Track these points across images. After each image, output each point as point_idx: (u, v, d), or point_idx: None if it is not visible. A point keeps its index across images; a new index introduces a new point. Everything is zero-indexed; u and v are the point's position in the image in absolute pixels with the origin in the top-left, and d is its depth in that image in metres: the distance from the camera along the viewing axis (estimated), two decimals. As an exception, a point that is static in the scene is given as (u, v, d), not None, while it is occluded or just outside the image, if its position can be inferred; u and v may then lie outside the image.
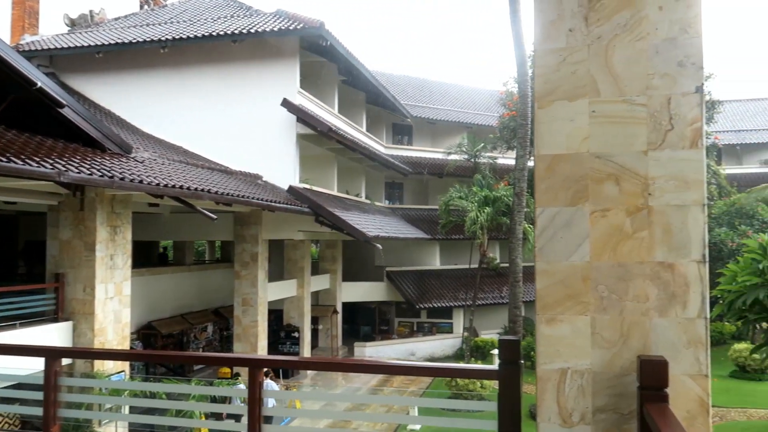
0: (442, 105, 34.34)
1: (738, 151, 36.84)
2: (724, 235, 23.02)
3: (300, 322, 21.72)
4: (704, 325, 2.32)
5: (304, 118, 19.09)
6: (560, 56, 2.44)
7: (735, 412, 15.62)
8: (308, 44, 20.14)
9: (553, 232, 2.45)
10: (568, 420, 2.41)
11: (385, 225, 24.38)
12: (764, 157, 36.37)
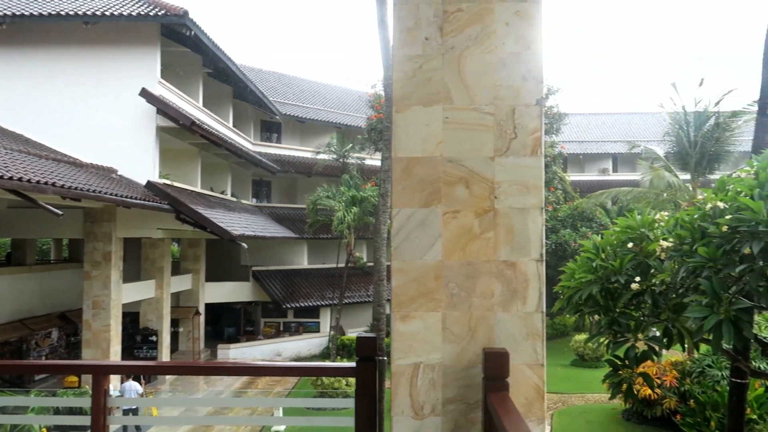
0: (313, 104, 34.28)
1: (581, 160, 40.53)
2: (568, 236, 25.22)
3: (158, 325, 20.60)
4: (541, 319, 2.53)
5: (164, 109, 18.13)
6: (417, 63, 2.54)
7: (575, 397, 17.15)
8: (171, 33, 19.16)
9: (408, 231, 2.54)
10: (419, 412, 2.51)
11: (251, 223, 23.85)
12: (603, 166, 40.36)
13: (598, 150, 40.17)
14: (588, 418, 14.95)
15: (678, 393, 13.38)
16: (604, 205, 24.74)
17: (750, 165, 4.52)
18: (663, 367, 14.00)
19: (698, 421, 12.13)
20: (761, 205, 3.69)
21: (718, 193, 4.39)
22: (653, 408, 13.63)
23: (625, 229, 5.26)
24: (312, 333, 27.23)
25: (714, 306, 3.89)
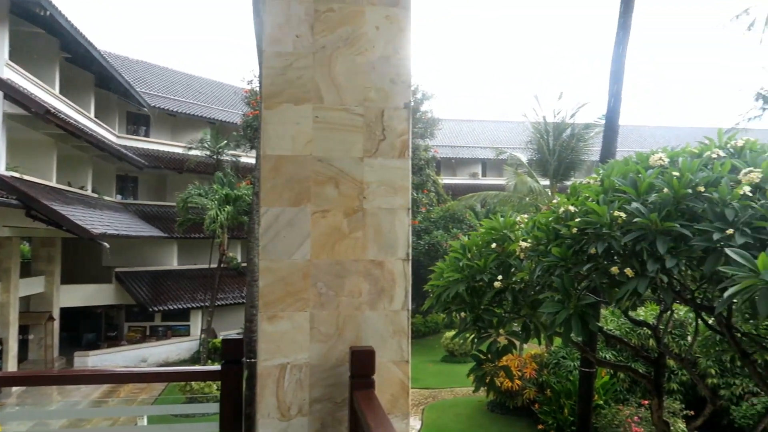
0: (185, 97, 32.77)
1: (453, 164, 42.33)
2: (440, 237, 26.21)
3: (4, 333, 18.67)
4: (407, 317, 2.59)
5: (13, 95, 16.46)
6: (287, 60, 2.52)
7: (445, 391, 17.84)
8: (23, 11, 17.45)
9: (276, 231, 2.50)
10: (286, 413, 2.48)
11: (114, 221, 22.33)
12: (473, 171, 42.42)
13: (469, 155, 42.18)
14: (457, 411, 15.62)
15: (537, 384, 14.38)
16: (474, 207, 26.01)
17: (597, 173, 4.96)
18: (524, 360, 14.97)
19: (554, 408, 13.10)
20: (605, 209, 4.05)
21: (570, 198, 4.78)
22: (515, 399, 14.54)
23: (489, 230, 5.56)
24: (182, 337, 26.03)
25: (564, 302, 4.22)
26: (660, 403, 5.72)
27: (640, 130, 44.32)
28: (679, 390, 12.86)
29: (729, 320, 5.00)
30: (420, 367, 20.15)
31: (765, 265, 3.13)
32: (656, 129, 45.28)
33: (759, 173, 3.86)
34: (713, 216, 3.72)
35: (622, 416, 11.71)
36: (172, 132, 31.72)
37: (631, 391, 13.25)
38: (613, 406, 12.38)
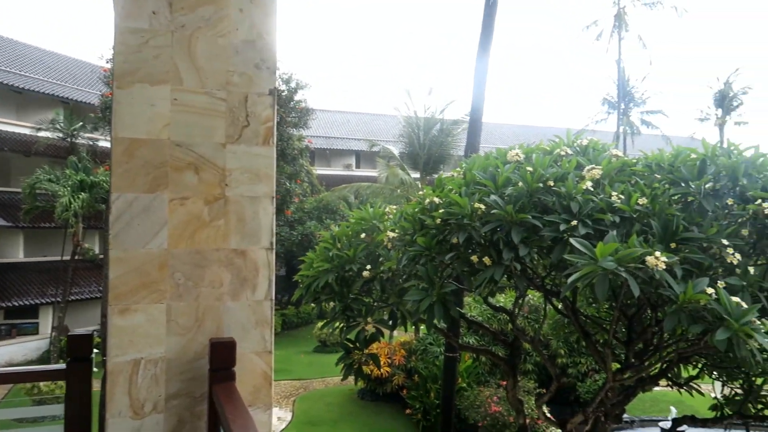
0: (34, 73, 29.77)
1: (328, 155, 42.33)
2: (313, 228, 26.14)
3: None
4: (270, 307, 2.55)
5: None
6: (142, 38, 2.36)
7: (317, 381, 17.87)
8: None
9: (129, 218, 2.35)
10: (140, 411, 2.35)
11: (-53, 209, 19.85)
12: (347, 162, 42.71)
13: (343, 146, 42.39)
14: (328, 401, 15.73)
15: (405, 370, 14.85)
16: (347, 198, 26.22)
17: (460, 166, 5.20)
18: (394, 348, 15.40)
19: (421, 393, 13.61)
20: (466, 201, 4.26)
21: (436, 190, 4.96)
22: (385, 385, 14.91)
23: (359, 220, 5.63)
24: (29, 336, 23.78)
25: (428, 290, 4.39)
26: (515, 382, 6.14)
27: (503, 127, 47.04)
28: (533, 370, 13.89)
29: (574, 304, 5.47)
30: (292, 358, 20.03)
31: (602, 253, 3.46)
32: (518, 127, 48.31)
33: (599, 170, 4.25)
34: (560, 208, 4.04)
35: (483, 397, 12.43)
36: (18, 110, 28.70)
37: (491, 373, 14.09)
38: (475, 388, 13.10)
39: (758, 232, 3.88)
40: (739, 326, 3.29)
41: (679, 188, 4.12)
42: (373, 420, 14.13)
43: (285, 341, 22.51)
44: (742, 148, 4.16)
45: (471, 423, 12.17)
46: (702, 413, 7.35)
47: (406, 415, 13.79)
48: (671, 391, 7.39)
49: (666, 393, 14.08)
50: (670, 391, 7.53)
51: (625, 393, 6.47)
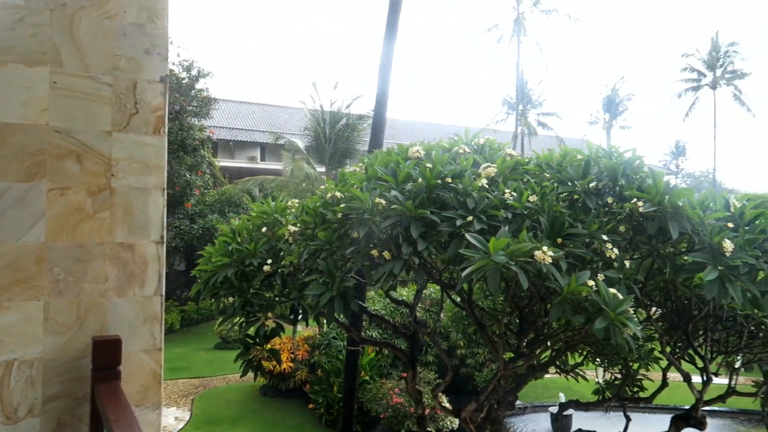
0: None
1: (231, 147, 41.19)
2: (215, 221, 25.36)
3: None
4: (160, 303, 2.46)
5: None
6: (17, 14, 2.19)
7: (217, 379, 17.39)
8: None
9: (2, 209, 2.18)
10: (12, 416, 2.19)
11: None
12: (251, 154, 41.80)
13: (247, 138, 41.41)
14: (229, 398, 15.36)
15: (309, 365, 14.80)
16: (251, 191, 25.67)
17: (362, 161, 5.24)
18: (297, 343, 15.29)
19: (324, 387, 13.61)
20: (367, 196, 4.30)
21: (338, 185, 4.97)
22: (287, 381, 14.78)
23: (260, 214, 5.54)
24: None
25: (329, 284, 4.40)
26: (414, 374, 6.28)
27: (410, 124, 47.83)
28: (434, 362, 14.27)
29: (470, 297, 5.67)
30: (191, 356, 19.37)
31: (495, 248, 3.61)
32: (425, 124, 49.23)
33: (494, 168, 4.43)
34: (457, 204, 4.17)
35: (385, 389, 12.62)
36: None
37: (394, 365, 14.33)
38: (377, 381, 13.28)
39: (634, 229, 4.20)
40: (615, 315, 3.55)
41: (566, 187, 4.38)
42: (275, 416, 13.98)
43: (184, 338, 21.75)
44: (622, 151, 4.48)
45: (373, 415, 12.34)
46: (587, 397, 7.88)
47: (309, 409, 13.75)
48: (560, 378, 7.86)
49: (556, 380, 14.93)
50: (559, 378, 8.00)
51: (517, 381, 6.81)
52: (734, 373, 6.73)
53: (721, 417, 15.24)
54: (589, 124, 43.16)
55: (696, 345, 6.03)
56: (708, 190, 4.39)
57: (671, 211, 3.97)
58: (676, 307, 5.77)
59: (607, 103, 41.97)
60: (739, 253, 3.89)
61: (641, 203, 3.99)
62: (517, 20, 33.90)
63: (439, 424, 12.03)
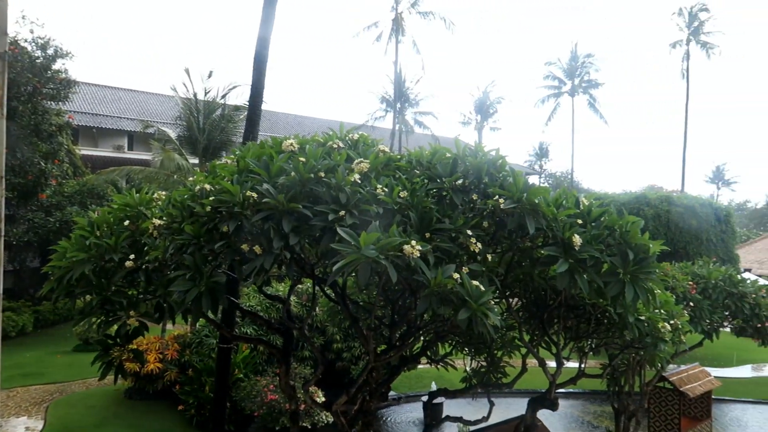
0: None
1: (95, 134, 38.33)
2: (75, 214, 23.48)
3: None
4: (-3, 302, 2.23)
5: None
6: None
7: (76, 384, 16.14)
8: None
9: None
10: None
11: None
12: (118, 143, 39.16)
13: (113, 125, 38.72)
14: (89, 404, 14.31)
15: (179, 364, 14.15)
16: (117, 182, 24.06)
17: (233, 153, 5.09)
18: (166, 342, 14.57)
19: (195, 387, 13.09)
20: (238, 189, 4.19)
21: (208, 177, 4.79)
22: (156, 382, 14.04)
23: (123, 206, 5.21)
24: None
25: (196, 280, 4.23)
26: (287, 369, 6.22)
27: (289, 117, 47.21)
28: (311, 356, 14.23)
29: (344, 291, 5.72)
30: (46, 360, 17.82)
31: (366, 242, 3.67)
32: (305, 118, 48.78)
33: (367, 164, 4.50)
34: (330, 199, 4.19)
35: (260, 386, 12.39)
36: None
37: (269, 362, 14.10)
38: (252, 378, 13.00)
39: (496, 224, 4.44)
40: (477, 306, 3.75)
41: (435, 183, 4.54)
42: (142, 420, 13.24)
43: (38, 341, 19.96)
44: (487, 150, 4.72)
45: (248, 413, 12.08)
46: (457, 386, 8.26)
47: (179, 411, 13.17)
48: (432, 368, 8.16)
49: (429, 370, 15.47)
50: (431, 368, 8.31)
51: (390, 372, 6.98)
52: (584, 357, 7.37)
53: (575, 398, 16.62)
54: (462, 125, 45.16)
55: (551, 332, 6.53)
56: (562, 189, 4.76)
57: (529, 208, 4.26)
58: (534, 297, 6.21)
59: (479, 105, 44.16)
60: (586, 248, 4.26)
61: (503, 200, 4.24)
62: (396, 20, 34.60)
63: (314, 419, 12.03)
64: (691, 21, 43.98)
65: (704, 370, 12.32)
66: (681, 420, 11.20)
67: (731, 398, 16.59)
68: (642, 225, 4.54)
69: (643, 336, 5.83)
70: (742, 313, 10.31)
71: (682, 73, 44.33)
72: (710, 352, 17.79)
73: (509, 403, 13.30)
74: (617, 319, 5.54)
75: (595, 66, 46.15)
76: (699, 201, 22.82)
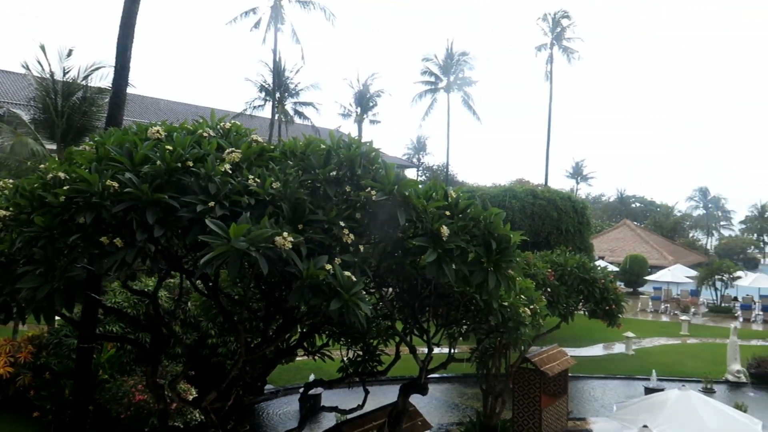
0: None
1: (-69, 114, 34.04)
2: None
3: None
4: None
5: None
6: None
7: None
8: None
9: None
10: None
11: None
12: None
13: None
14: (-77, 417, 12.79)
15: (34, 368, 13.00)
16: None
17: (92, 139, 4.75)
18: (18, 344, 13.33)
19: (53, 392, 12.10)
20: (96, 177, 3.91)
21: (63, 164, 4.43)
22: (5, 389, 12.81)
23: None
24: None
25: (48, 275, 3.91)
26: (154, 368, 5.94)
27: (161, 102, 44.69)
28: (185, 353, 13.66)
29: (215, 284, 5.55)
30: None
31: (236, 233, 3.58)
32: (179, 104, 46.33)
33: (239, 153, 4.39)
34: (199, 189, 4.03)
35: (126, 387, 11.71)
36: None
37: (138, 361, 13.36)
38: (119, 379, 12.25)
39: (369, 216, 4.52)
40: (349, 297, 3.80)
41: (308, 175, 4.53)
42: (-11, 431, 12.05)
43: None
44: (361, 143, 4.78)
45: (114, 416, 11.38)
46: (336, 376, 8.32)
47: (34, 419, 12.13)
48: (311, 360, 8.15)
49: (307, 362, 15.44)
50: (310, 360, 8.29)
51: (266, 366, 6.89)
52: (454, 343, 7.72)
53: (449, 382, 17.37)
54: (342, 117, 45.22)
55: (423, 320, 6.78)
56: (432, 181, 4.94)
57: (400, 200, 4.37)
58: (407, 287, 6.40)
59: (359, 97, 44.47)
60: (453, 238, 4.45)
61: (375, 192, 4.32)
62: (275, 7, 33.84)
63: (187, 418, 11.59)
64: (555, 26, 47.14)
65: (562, 351, 13.37)
66: (542, 397, 12.09)
67: (585, 375, 18.17)
68: (504, 216, 4.82)
69: (506, 321, 6.23)
70: (594, 297, 11.31)
71: (546, 75, 47.42)
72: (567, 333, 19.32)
73: (384, 390, 13.62)
74: (483, 305, 5.86)
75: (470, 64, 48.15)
76: (560, 195, 24.64)
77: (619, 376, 18.31)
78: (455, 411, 15.06)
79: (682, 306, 31.42)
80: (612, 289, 11.60)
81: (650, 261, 40.00)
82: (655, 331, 25.56)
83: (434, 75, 48.98)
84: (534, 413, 12.08)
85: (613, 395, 16.39)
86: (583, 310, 12.17)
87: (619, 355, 21.08)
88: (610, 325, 12.00)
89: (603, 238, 47.86)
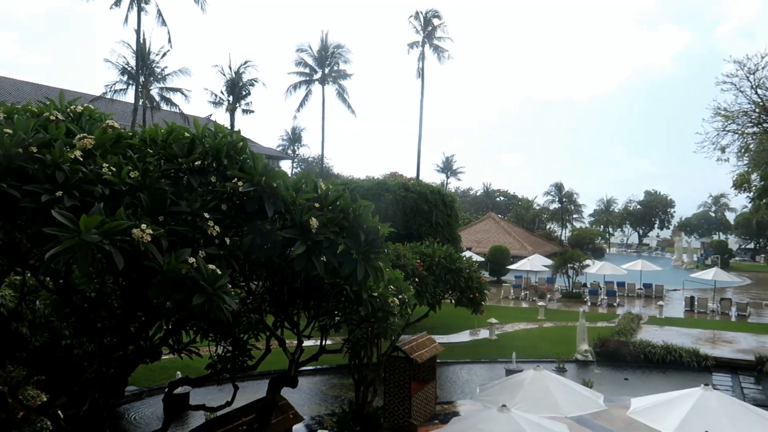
0: None
1: None
2: None
3: None
4: None
5: None
6: None
7: None
8: None
9: None
10: None
11: None
12: None
13: None
14: None
15: None
16: None
17: None
18: None
19: None
20: None
21: None
22: None
23: None
24: None
25: None
26: (-5, 373, 5.38)
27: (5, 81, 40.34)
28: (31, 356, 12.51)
29: (67, 280, 5.12)
30: None
31: (87, 226, 3.33)
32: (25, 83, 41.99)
33: (92, 139, 4.07)
34: (44, 177, 3.70)
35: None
36: None
37: (-23, 367, 12.05)
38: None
39: (235, 207, 4.40)
40: (213, 291, 3.68)
41: (171, 164, 4.31)
42: None
43: None
44: (228, 132, 4.63)
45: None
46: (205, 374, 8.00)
47: None
48: (178, 358, 7.78)
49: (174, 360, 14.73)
50: (177, 358, 7.91)
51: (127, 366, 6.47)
52: (326, 334, 7.75)
53: (322, 374, 17.41)
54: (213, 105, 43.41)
55: (293, 312, 6.73)
56: (302, 173, 4.91)
57: (268, 191, 4.30)
58: (277, 280, 6.31)
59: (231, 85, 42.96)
60: (323, 230, 4.46)
61: (241, 183, 4.21)
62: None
63: (36, 426, 10.65)
64: (426, 25, 48.54)
65: (431, 338, 13.91)
66: (411, 383, 12.51)
67: (453, 360, 19.06)
68: (373, 209, 4.90)
69: (376, 311, 6.35)
70: (459, 286, 11.85)
71: (417, 72, 48.71)
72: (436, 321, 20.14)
73: (255, 385, 13.40)
74: (353, 296, 5.92)
75: (345, 57, 48.31)
76: (430, 188, 25.54)
77: (484, 360, 19.41)
78: (328, 401, 15.15)
79: (540, 293, 33.89)
80: (476, 278, 12.23)
81: (512, 251, 42.68)
82: (515, 316, 27.35)
83: (309, 66, 48.61)
84: (404, 399, 12.47)
85: (478, 378, 17.35)
86: (450, 299, 12.73)
87: (483, 340, 22.33)
88: (474, 312, 12.66)
89: (470, 230, 50.32)
